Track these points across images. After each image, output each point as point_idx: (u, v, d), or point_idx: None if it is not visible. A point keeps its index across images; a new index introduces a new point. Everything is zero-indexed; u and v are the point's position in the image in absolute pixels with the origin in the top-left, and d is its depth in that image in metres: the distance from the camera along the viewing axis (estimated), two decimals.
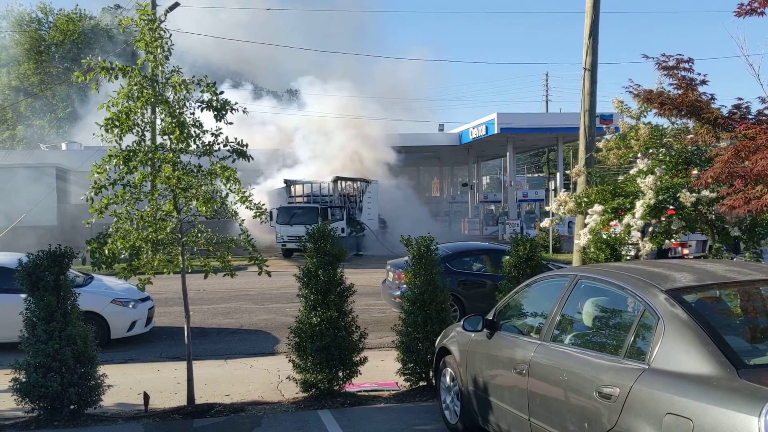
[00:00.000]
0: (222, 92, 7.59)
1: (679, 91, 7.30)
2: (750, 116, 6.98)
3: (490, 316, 6.42)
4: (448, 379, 7.11)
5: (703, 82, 7.27)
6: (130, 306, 12.16)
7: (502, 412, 5.87)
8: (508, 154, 42.14)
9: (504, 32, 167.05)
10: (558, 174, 43.58)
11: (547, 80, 67.78)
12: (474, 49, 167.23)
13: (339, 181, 33.86)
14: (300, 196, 34.34)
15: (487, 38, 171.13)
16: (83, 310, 11.40)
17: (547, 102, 68.35)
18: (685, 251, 19.46)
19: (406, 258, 9.29)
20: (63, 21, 54.50)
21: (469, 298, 13.10)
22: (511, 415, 5.69)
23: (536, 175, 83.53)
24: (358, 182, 35.54)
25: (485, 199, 56.75)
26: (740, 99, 7.03)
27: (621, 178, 9.88)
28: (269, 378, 9.63)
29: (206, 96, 7.56)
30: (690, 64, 7.31)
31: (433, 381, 8.45)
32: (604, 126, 14.11)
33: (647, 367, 4.27)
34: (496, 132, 37.90)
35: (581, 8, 12.51)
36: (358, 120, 39.46)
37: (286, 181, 33.98)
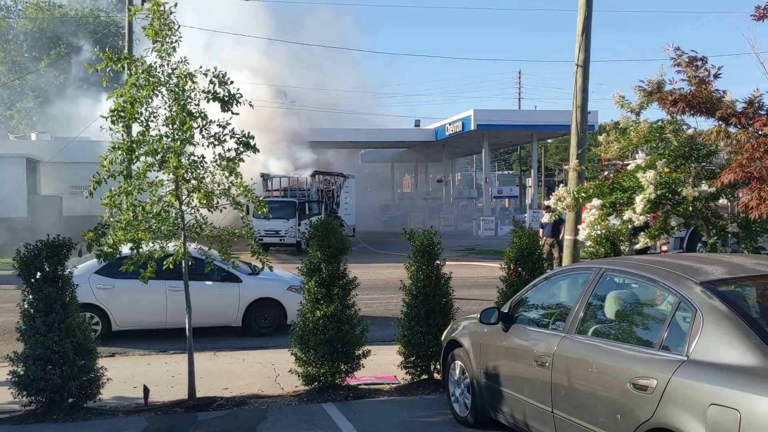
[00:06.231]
0: (232, 82, 7.47)
1: (692, 88, 7.29)
2: (762, 111, 6.98)
3: (505, 309, 6.39)
4: (457, 371, 7.08)
5: (716, 76, 7.26)
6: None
7: (520, 405, 5.85)
8: (483, 150, 42.33)
9: (477, 29, 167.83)
10: (533, 171, 43.91)
11: (519, 78, 67.95)
12: (446, 47, 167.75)
13: (317, 176, 33.70)
14: (277, 190, 34.05)
15: (460, 36, 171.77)
16: (264, 296, 12.19)
17: (519, 99, 68.54)
18: (664, 248, 19.61)
19: None
20: (32, 9, 53.34)
21: None
22: (531, 407, 5.68)
23: (506, 172, 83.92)
24: (336, 177, 35.43)
25: (460, 195, 56.90)
26: (756, 91, 6.98)
27: (612, 173, 9.92)
28: (264, 371, 9.53)
29: (214, 87, 7.42)
30: (703, 62, 7.29)
31: (436, 374, 8.44)
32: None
33: (686, 358, 4.29)
34: (472, 128, 38.03)
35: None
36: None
37: (262, 175, 33.60)
